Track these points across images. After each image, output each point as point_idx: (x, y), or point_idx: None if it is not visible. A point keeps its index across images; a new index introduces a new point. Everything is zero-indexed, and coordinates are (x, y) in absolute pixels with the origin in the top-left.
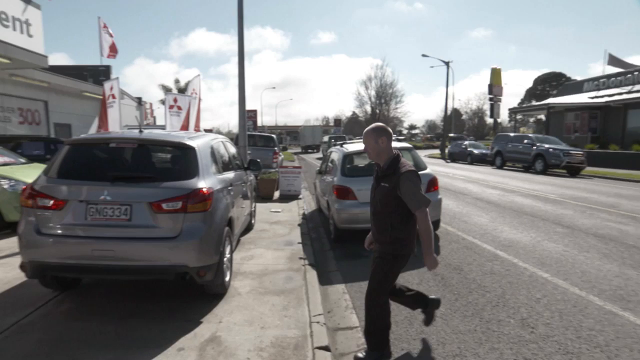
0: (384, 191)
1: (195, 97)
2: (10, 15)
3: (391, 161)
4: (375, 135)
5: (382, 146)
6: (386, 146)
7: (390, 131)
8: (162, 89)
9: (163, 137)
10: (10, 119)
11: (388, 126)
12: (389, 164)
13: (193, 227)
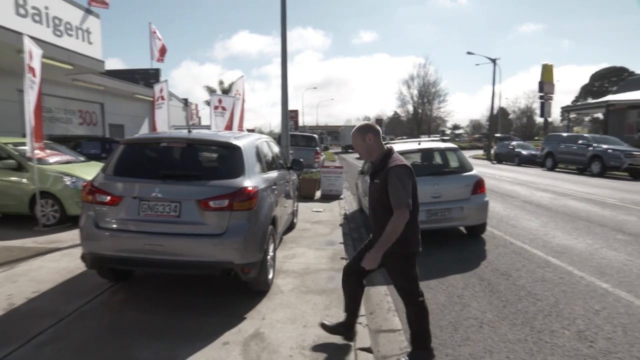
0: (377, 188)
1: (239, 97)
2: (74, 25)
3: (382, 157)
4: (361, 133)
5: (370, 143)
6: (374, 143)
7: (377, 128)
8: (206, 90)
9: (210, 137)
10: (72, 120)
11: (430, 125)
12: (380, 159)
13: (239, 224)
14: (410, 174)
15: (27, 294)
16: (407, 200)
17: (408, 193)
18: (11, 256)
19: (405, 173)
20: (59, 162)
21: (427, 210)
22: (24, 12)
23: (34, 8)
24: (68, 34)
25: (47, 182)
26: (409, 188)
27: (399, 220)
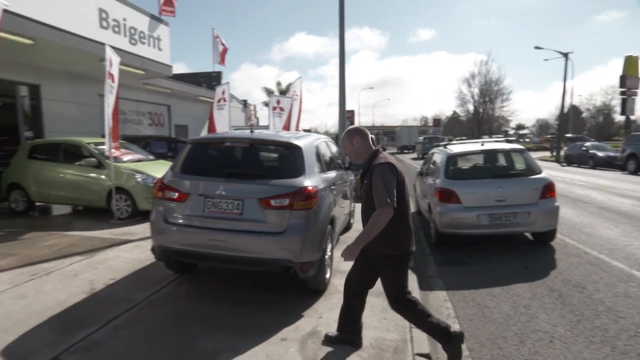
0: (366, 188)
1: (297, 98)
2: (146, 34)
3: (369, 157)
4: (349, 137)
5: (357, 146)
6: (362, 145)
7: (365, 131)
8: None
9: (272, 137)
10: (142, 121)
11: (492, 125)
12: (368, 160)
13: (298, 223)
14: (394, 172)
15: (105, 280)
16: (388, 198)
17: (390, 191)
18: (92, 245)
19: (388, 171)
20: (132, 161)
21: (489, 214)
22: (106, 24)
23: (114, 20)
24: (141, 42)
25: (122, 179)
26: (392, 186)
27: (380, 217)
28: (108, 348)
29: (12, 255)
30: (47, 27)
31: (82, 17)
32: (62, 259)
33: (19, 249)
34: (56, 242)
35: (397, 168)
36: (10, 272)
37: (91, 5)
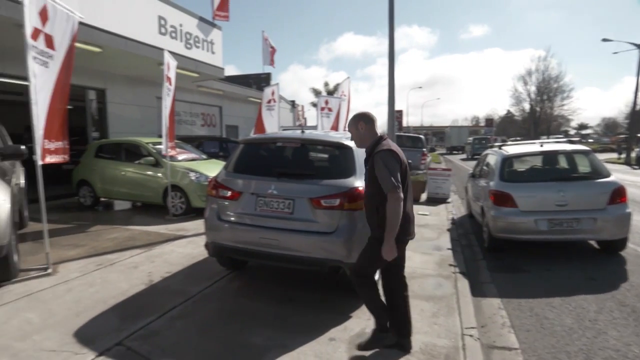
0: (367, 173)
1: (345, 98)
2: (201, 38)
3: (373, 144)
4: (354, 122)
5: (362, 131)
6: (366, 131)
7: (370, 116)
8: (312, 92)
9: (322, 137)
10: (195, 122)
11: (550, 124)
12: (371, 146)
13: (349, 224)
14: (397, 159)
15: (162, 273)
16: (395, 183)
17: (395, 176)
18: (149, 240)
19: (390, 156)
20: (186, 160)
21: (549, 220)
22: (164, 30)
23: (172, 26)
24: (196, 46)
25: (177, 177)
26: (396, 171)
27: (393, 204)
28: (165, 337)
29: (81, 246)
30: (114, 35)
31: (143, 25)
32: (124, 251)
33: (87, 241)
34: (118, 236)
35: (400, 155)
36: (79, 262)
37: (152, 14)
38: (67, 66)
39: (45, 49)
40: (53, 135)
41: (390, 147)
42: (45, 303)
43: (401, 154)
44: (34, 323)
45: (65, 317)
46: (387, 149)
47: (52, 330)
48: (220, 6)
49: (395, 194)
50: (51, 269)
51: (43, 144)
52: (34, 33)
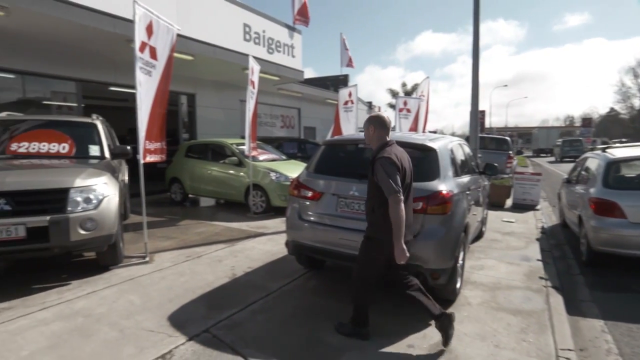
0: (370, 177)
1: (424, 99)
2: (282, 43)
3: (378, 148)
4: (367, 123)
5: (371, 134)
6: (374, 134)
7: (382, 121)
8: (389, 93)
9: (405, 139)
10: (275, 124)
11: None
12: (376, 150)
13: (431, 228)
14: (393, 163)
15: (244, 268)
16: (394, 187)
17: (395, 180)
18: (232, 235)
19: (389, 163)
20: (267, 160)
21: None
22: (248, 37)
23: (255, 33)
24: (277, 51)
25: (258, 177)
26: (395, 175)
27: (395, 207)
28: (247, 329)
29: (173, 238)
30: (204, 44)
31: (230, 33)
32: (209, 245)
33: (177, 234)
34: (204, 230)
35: (398, 162)
36: (171, 252)
37: (238, 22)
38: (167, 74)
39: (149, 59)
40: (153, 137)
41: (390, 155)
42: (144, 287)
43: (403, 160)
44: (135, 304)
45: (160, 302)
46: (387, 156)
47: (150, 313)
48: (301, 11)
49: (396, 197)
50: (148, 258)
51: (144, 144)
52: (141, 46)
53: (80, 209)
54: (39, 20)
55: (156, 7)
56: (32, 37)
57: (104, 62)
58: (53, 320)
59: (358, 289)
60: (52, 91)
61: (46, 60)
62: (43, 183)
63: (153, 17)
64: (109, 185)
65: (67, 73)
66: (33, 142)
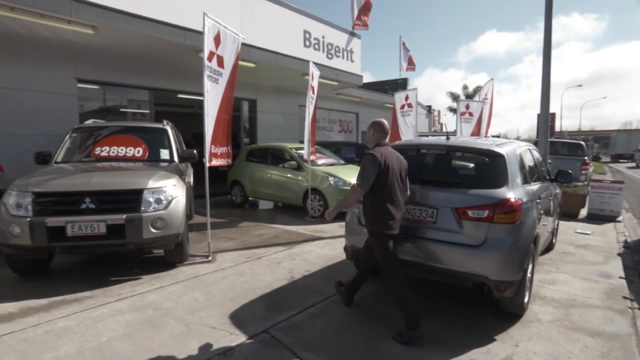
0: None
1: (487, 102)
2: (341, 48)
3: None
4: (370, 126)
5: (371, 136)
6: (372, 136)
7: (381, 127)
8: (449, 96)
9: (471, 144)
10: (333, 128)
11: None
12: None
13: (498, 238)
14: (375, 162)
15: (302, 271)
16: (360, 180)
17: (365, 176)
18: (290, 238)
19: (369, 160)
20: (325, 164)
21: None
22: (308, 43)
23: (315, 39)
24: (336, 56)
25: (316, 181)
26: (369, 172)
27: (351, 192)
28: (305, 332)
29: (234, 239)
30: (266, 51)
31: (291, 40)
32: (268, 247)
33: (238, 235)
34: (264, 232)
35: (381, 159)
36: (232, 253)
37: (298, 29)
38: (232, 81)
39: (217, 67)
40: (219, 142)
41: (375, 152)
42: (207, 285)
43: (390, 159)
44: (199, 301)
45: (222, 300)
46: (370, 153)
47: (212, 310)
48: (360, 16)
49: (357, 188)
50: (211, 257)
51: (210, 148)
52: (209, 55)
53: (152, 209)
54: (120, 36)
55: (223, 17)
56: (113, 52)
57: (173, 72)
58: (127, 311)
59: (394, 287)
60: (128, 99)
61: (124, 71)
62: (121, 184)
63: (220, 27)
64: (177, 187)
65: (142, 82)
66: (113, 147)
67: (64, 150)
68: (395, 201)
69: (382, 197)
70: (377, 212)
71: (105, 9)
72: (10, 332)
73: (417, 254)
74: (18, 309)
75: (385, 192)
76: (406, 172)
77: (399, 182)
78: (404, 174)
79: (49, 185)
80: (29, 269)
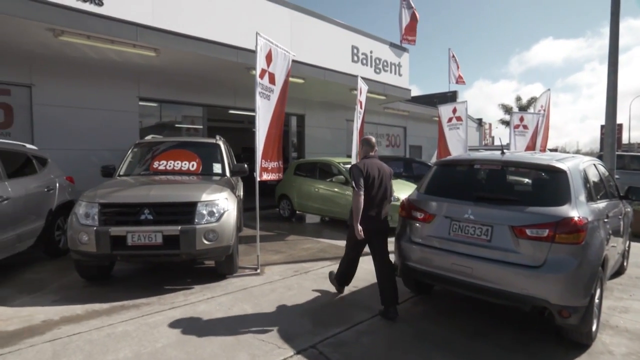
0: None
1: (543, 114)
2: (389, 62)
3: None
4: (361, 142)
5: (359, 150)
6: (362, 150)
7: (369, 142)
8: (501, 108)
9: (528, 159)
10: (380, 142)
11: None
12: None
13: (560, 259)
14: (357, 169)
15: (350, 287)
16: (355, 186)
17: (357, 181)
18: (337, 253)
19: (356, 169)
20: None
21: None
22: (356, 58)
23: (363, 54)
24: (384, 70)
25: None
26: (357, 178)
27: (355, 198)
28: (353, 350)
29: (281, 252)
30: (315, 67)
31: (339, 56)
32: (316, 261)
33: (285, 248)
34: (311, 246)
35: (363, 169)
36: (280, 266)
37: (346, 44)
38: (283, 98)
39: (268, 84)
40: (269, 157)
41: (359, 164)
42: (256, 298)
43: (371, 169)
44: (248, 313)
45: (271, 313)
46: (355, 164)
47: (261, 322)
48: (408, 30)
49: (355, 193)
50: (259, 270)
51: (261, 163)
52: (261, 73)
53: (204, 221)
54: (177, 57)
55: (273, 35)
56: (170, 71)
57: (225, 88)
58: (180, 319)
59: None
60: (183, 115)
61: (180, 89)
62: (177, 197)
63: (272, 45)
64: (229, 200)
65: (196, 99)
66: (169, 161)
67: (126, 164)
68: (370, 201)
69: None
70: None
71: (166, 32)
72: (78, 333)
73: (470, 273)
74: (84, 311)
75: (367, 197)
76: (388, 178)
77: (378, 186)
78: (384, 179)
79: (113, 197)
80: (94, 274)
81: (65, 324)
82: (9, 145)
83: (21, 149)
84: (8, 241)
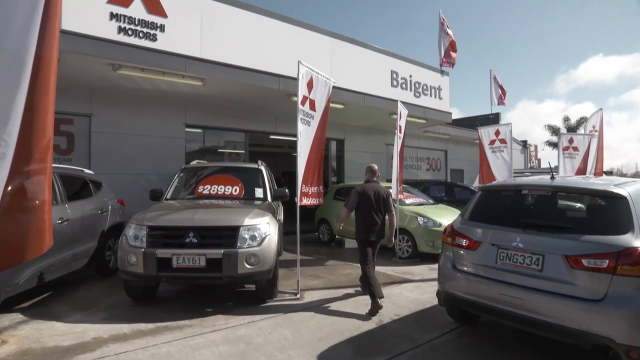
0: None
1: (595, 135)
2: (429, 86)
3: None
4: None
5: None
6: (366, 176)
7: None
8: (547, 129)
9: (582, 185)
10: (420, 166)
11: None
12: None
13: (624, 293)
14: (355, 194)
15: (391, 315)
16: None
17: (348, 201)
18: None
19: (353, 192)
20: (414, 204)
21: None
22: (395, 83)
23: (402, 78)
24: (424, 94)
25: (405, 221)
26: (353, 200)
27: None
28: None
29: (321, 277)
30: (354, 92)
31: (378, 81)
32: (356, 287)
33: (325, 273)
34: (351, 272)
35: (360, 193)
36: (320, 291)
37: (385, 69)
38: (323, 123)
39: (309, 111)
40: (310, 182)
41: (357, 187)
42: (295, 324)
43: (368, 190)
44: (288, 339)
45: (310, 340)
46: (354, 188)
47: (301, 349)
48: (447, 53)
49: (345, 210)
50: (299, 295)
51: (302, 188)
52: (302, 99)
53: (246, 245)
54: (222, 85)
55: (314, 62)
56: (215, 99)
57: (266, 115)
58: (221, 342)
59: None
60: (225, 140)
61: (223, 116)
62: (221, 221)
63: (313, 73)
64: (270, 225)
65: (237, 125)
66: (213, 185)
67: (173, 188)
68: (366, 218)
69: (360, 216)
70: (357, 225)
71: (212, 63)
72: (124, 352)
73: (520, 305)
74: (131, 330)
75: (360, 212)
76: (384, 199)
77: (373, 206)
78: (380, 201)
79: (160, 220)
80: (140, 294)
81: (114, 342)
82: (70, 170)
83: (80, 173)
84: (66, 260)
